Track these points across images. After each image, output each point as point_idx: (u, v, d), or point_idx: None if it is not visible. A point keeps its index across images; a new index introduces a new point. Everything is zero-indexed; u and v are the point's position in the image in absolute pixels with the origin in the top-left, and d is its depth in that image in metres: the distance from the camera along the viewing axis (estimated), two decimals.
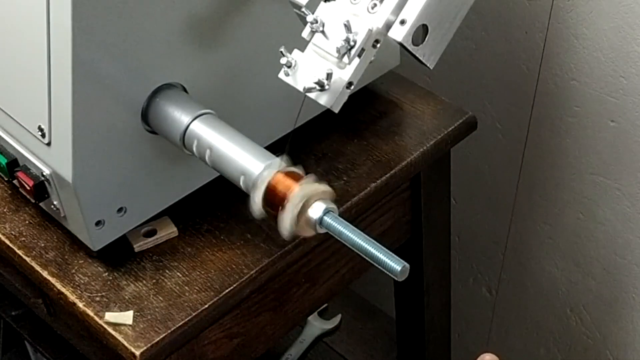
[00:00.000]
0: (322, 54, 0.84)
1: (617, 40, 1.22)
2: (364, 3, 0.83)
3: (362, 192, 1.07)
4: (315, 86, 0.83)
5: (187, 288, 0.98)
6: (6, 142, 0.99)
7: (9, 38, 0.93)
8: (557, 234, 1.48)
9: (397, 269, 0.78)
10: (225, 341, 1.04)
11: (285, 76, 0.85)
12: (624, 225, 1.38)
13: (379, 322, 1.62)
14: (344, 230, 0.81)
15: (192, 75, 0.97)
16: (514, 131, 1.43)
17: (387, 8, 0.82)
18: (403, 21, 0.81)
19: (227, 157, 0.89)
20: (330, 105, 0.84)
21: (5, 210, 1.06)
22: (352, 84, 0.84)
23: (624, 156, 1.31)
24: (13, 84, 0.95)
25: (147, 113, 0.94)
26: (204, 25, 0.95)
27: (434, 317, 1.38)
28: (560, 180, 1.42)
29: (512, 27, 1.33)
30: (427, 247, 1.27)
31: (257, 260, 1.00)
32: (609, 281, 1.45)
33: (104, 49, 0.88)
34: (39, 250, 1.01)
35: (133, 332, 0.94)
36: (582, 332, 1.55)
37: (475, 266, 1.64)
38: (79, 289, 0.98)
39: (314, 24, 0.83)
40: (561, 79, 1.31)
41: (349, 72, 0.83)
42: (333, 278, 1.15)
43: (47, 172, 0.95)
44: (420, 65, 0.85)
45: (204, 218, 1.05)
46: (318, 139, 1.13)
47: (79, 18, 0.84)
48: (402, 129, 1.15)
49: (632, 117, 1.27)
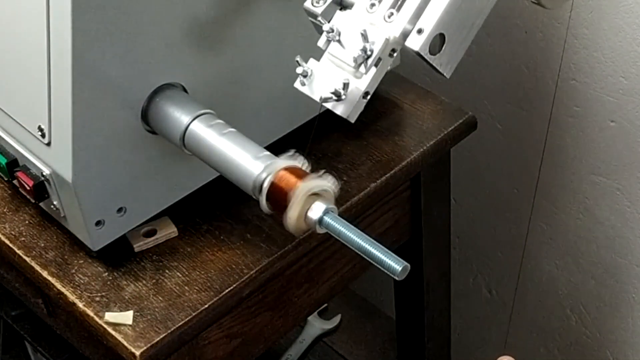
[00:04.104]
0: (339, 63, 0.83)
1: (617, 40, 1.22)
2: (380, 12, 0.83)
3: (362, 192, 1.07)
4: (332, 96, 0.82)
5: (187, 288, 0.98)
6: (6, 142, 0.99)
7: (9, 38, 0.93)
8: (557, 234, 1.48)
9: (397, 269, 0.78)
10: (225, 341, 1.04)
11: (302, 86, 0.85)
12: (624, 225, 1.38)
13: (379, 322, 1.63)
14: (344, 230, 0.81)
15: (192, 75, 0.97)
16: (514, 131, 1.43)
17: (404, 17, 0.82)
18: (420, 30, 0.80)
19: (227, 157, 0.89)
20: (347, 116, 0.83)
21: (5, 210, 1.06)
22: (369, 94, 0.83)
23: (624, 156, 1.31)
24: (13, 84, 0.95)
25: (147, 113, 0.94)
26: (204, 25, 0.95)
27: (434, 317, 1.38)
28: (560, 180, 1.42)
29: (512, 27, 1.33)
30: (427, 247, 1.27)
31: (257, 260, 1.00)
32: (609, 281, 1.45)
33: (104, 49, 0.88)
34: (39, 250, 1.01)
35: (133, 332, 0.94)
36: (582, 332, 1.55)
37: (475, 266, 1.64)
38: (78, 289, 0.98)
39: (330, 33, 0.83)
40: (561, 79, 1.31)
41: (365, 81, 0.83)
42: (333, 278, 1.15)
43: (47, 172, 0.95)
44: (420, 65, 0.84)
45: (204, 218, 1.05)
46: (318, 139, 1.13)
47: (79, 18, 0.84)
48: (402, 129, 1.15)
49: (632, 117, 1.27)
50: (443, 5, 0.80)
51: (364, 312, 1.64)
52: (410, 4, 0.82)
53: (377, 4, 0.83)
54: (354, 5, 0.84)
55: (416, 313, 1.37)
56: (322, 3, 0.85)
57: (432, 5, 0.81)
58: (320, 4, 0.85)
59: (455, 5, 0.81)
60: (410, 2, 0.82)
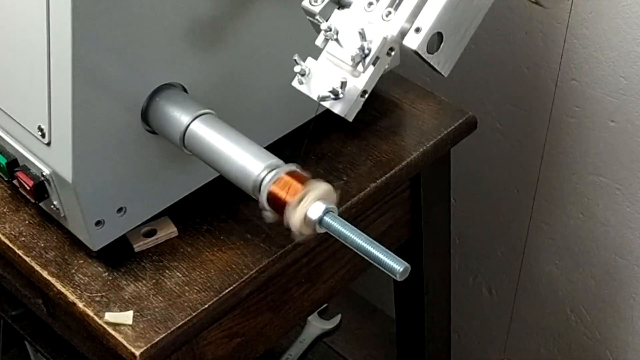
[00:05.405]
0: (336, 62, 0.83)
1: (617, 40, 1.22)
2: (378, 11, 0.83)
3: (362, 192, 1.07)
4: (330, 95, 0.82)
5: (187, 288, 0.98)
6: (6, 142, 0.99)
7: (9, 38, 0.93)
8: (557, 234, 1.48)
9: (397, 269, 0.78)
10: (225, 341, 1.04)
11: (299, 84, 0.85)
12: (624, 225, 1.38)
13: (379, 322, 1.63)
14: (343, 230, 0.81)
15: (192, 75, 0.97)
16: (514, 131, 1.43)
17: (401, 16, 0.82)
18: (418, 29, 0.80)
19: (227, 157, 0.89)
20: (345, 114, 0.83)
21: (5, 210, 1.06)
22: (367, 93, 0.83)
23: (624, 156, 1.31)
24: (13, 84, 0.95)
25: (147, 113, 0.94)
26: (204, 25, 0.95)
27: (434, 317, 1.38)
28: (560, 180, 1.42)
29: (512, 27, 1.33)
30: (427, 247, 1.27)
31: (257, 260, 1.00)
32: (609, 281, 1.45)
33: (104, 49, 0.88)
34: (39, 250, 1.01)
35: (133, 332, 0.94)
36: (582, 332, 1.55)
37: (475, 266, 1.64)
38: (78, 289, 0.98)
39: (328, 32, 0.83)
40: (561, 79, 1.31)
41: (363, 80, 0.83)
42: (333, 278, 1.15)
43: (47, 172, 0.95)
44: (420, 66, 0.85)
45: (204, 218, 1.05)
46: (318, 139, 1.13)
47: (79, 18, 0.84)
48: (402, 129, 1.15)
49: (632, 117, 1.27)
50: (441, 4, 0.80)
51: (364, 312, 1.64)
52: (408, 3, 0.82)
53: (375, 2, 0.83)
54: (352, 4, 0.84)
55: (416, 313, 1.37)
56: (320, 2, 0.85)
57: (429, 4, 0.81)
58: (318, 3, 0.85)
59: (452, 4, 0.81)
60: (408, 1, 0.82)
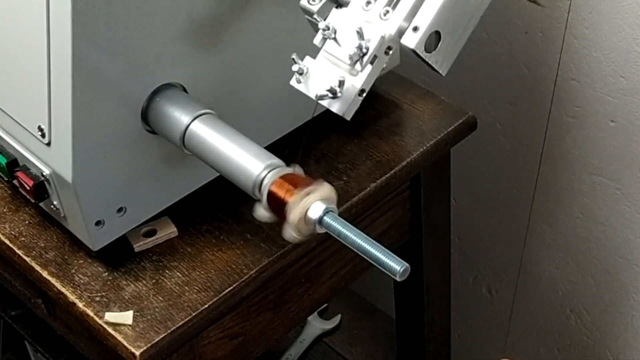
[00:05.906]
0: (334, 61, 0.83)
1: (617, 40, 1.22)
2: (376, 10, 0.83)
3: (362, 192, 1.07)
4: (328, 94, 0.82)
5: (187, 288, 0.98)
6: (6, 142, 0.99)
7: (9, 38, 0.93)
8: (557, 234, 1.48)
9: (397, 269, 0.78)
10: (225, 341, 1.04)
11: (297, 83, 0.85)
12: (624, 225, 1.38)
13: (379, 322, 1.62)
14: (343, 230, 0.81)
15: (192, 75, 0.97)
16: (514, 131, 1.43)
17: (399, 15, 0.82)
18: (416, 28, 0.81)
19: (227, 157, 0.89)
20: (343, 113, 0.83)
21: (5, 210, 1.06)
22: (365, 91, 0.84)
23: (624, 156, 1.31)
24: (13, 84, 0.95)
25: (147, 113, 0.94)
26: (204, 25, 0.95)
27: (434, 317, 1.38)
28: (560, 180, 1.42)
29: (512, 27, 1.33)
30: (427, 247, 1.27)
31: (257, 260, 1.00)
32: (609, 281, 1.45)
33: (104, 48, 0.88)
34: (38, 250, 1.01)
35: (133, 332, 0.94)
36: (582, 332, 1.55)
37: (475, 266, 1.64)
38: (78, 289, 0.98)
39: (326, 31, 0.83)
40: (561, 79, 1.31)
41: (361, 79, 0.83)
42: (333, 278, 1.15)
43: (47, 172, 0.95)
44: (420, 65, 0.85)
45: (204, 218, 1.05)
46: (318, 139, 1.13)
47: (79, 18, 0.84)
48: (402, 129, 1.15)
49: (632, 117, 1.27)
50: (438, 3, 0.80)
51: (364, 312, 1.64)
52: (405, 2, 0.82)
53: (373, 1, 0.83)
54: (350, 3, 0.84)
55: (416, 313, 1.37)
56: (318, 1, 0.85)
57: (427, 3, 0.81)
58: (316, 1, 0.85)
59: (450, 3, 0.81)
60: (405, 0, 0.82)
